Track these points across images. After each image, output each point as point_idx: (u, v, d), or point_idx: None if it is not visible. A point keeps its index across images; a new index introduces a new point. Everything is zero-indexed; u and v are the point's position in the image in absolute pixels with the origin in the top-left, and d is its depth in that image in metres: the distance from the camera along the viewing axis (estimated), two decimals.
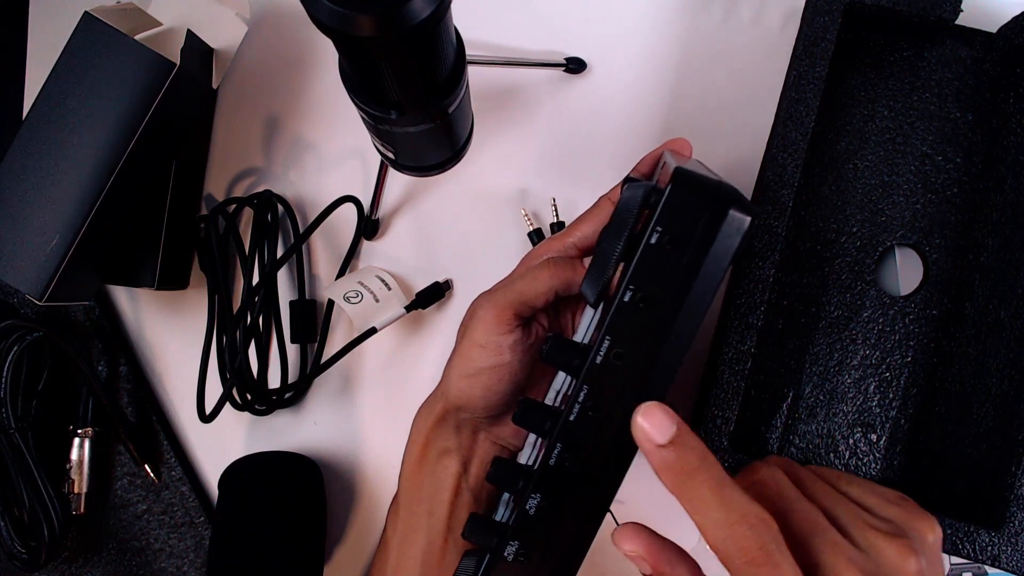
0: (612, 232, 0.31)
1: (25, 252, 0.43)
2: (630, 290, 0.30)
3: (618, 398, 0.31)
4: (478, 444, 0.41)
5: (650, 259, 0.29)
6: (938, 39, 0.49)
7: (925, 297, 0.49)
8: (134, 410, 0.53)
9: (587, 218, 0.40)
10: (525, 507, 0.32)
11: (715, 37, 0.52)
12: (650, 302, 0.30)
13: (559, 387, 0.37)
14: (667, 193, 0.29)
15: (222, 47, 0.51)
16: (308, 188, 0.54)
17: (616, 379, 0.31)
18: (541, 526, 0.33)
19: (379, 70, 0.32)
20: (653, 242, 0.29)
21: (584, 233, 0.39)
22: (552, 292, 0.37)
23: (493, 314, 0.37)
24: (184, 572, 0.53)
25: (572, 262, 0.38)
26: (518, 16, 0.53)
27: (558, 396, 0.36)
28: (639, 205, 0.30)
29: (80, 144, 0.43)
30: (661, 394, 0.31)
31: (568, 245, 0.39)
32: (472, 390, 0.38)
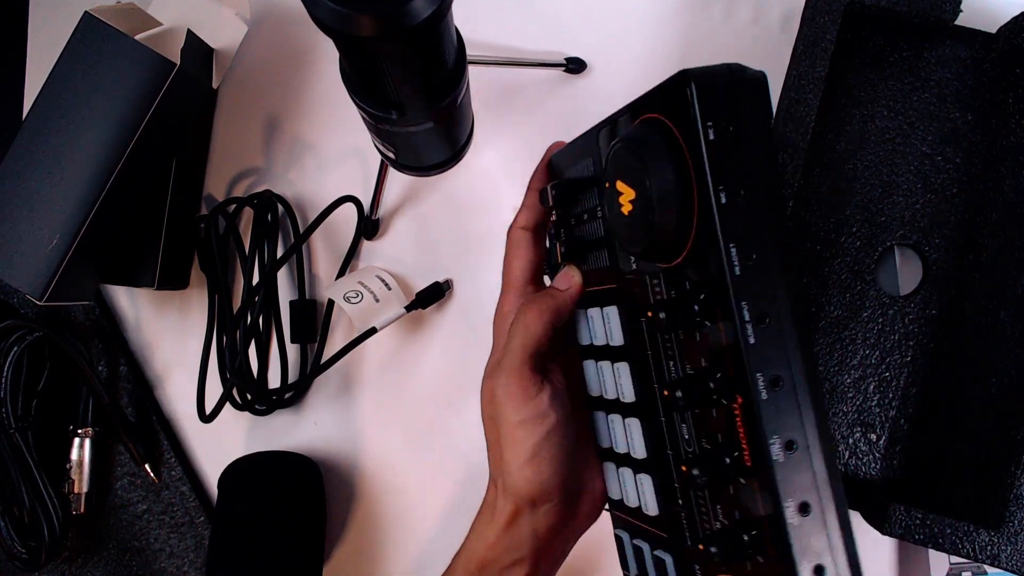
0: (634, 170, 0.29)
1: (25, 252, 0.43)
2: (722, 191, 0.27)
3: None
4: (554, 544, 0.35)
5: (721, 152, 0.27)
6: (938, 39, 0.49)
7: (925, 297, 0.49)
8: (134, 410, 0.53)
9: (512, 260, 0.38)
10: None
11: (715, 37, 0.52)
12: (750, 191, 0.27)
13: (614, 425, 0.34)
14: (694, 93, 0.27)
15: (222, 47, 0.51)
16: (308, 188, 0.54)
17: (764, 285, 0.27)
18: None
19: (380, 70, 0.32)
20: (713, 138, 0.27)
21: (520, 277, 0.38)
22: (549, 328, 0.34)
23: (515, 382, 0.33)
24: (184, 572, 0.53)
25: (544, 295, 0.35)
26: (518, 16, 0.53)
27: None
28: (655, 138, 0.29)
29: (80, 144, 0.43)
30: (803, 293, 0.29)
31: (522, 288, 0.37)
32: (541, 473, 0.33)
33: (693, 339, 0.29)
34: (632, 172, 0.29)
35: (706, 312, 0.28)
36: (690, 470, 0.29)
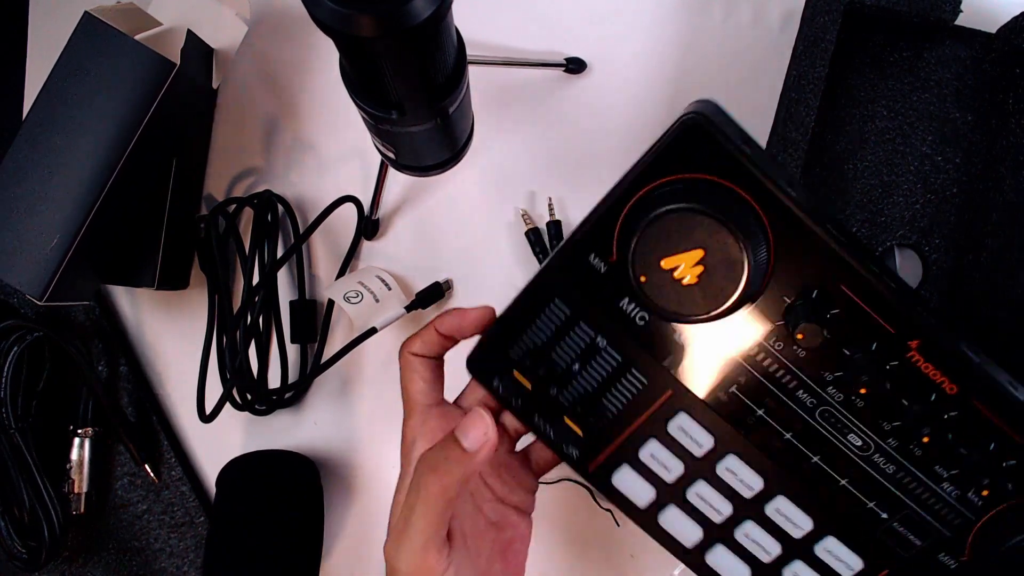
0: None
1: (25, 252, 0.42)
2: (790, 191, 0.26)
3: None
4: None
5: (764, 165, 0.27)
6: (938, 39, 0.49)
7: (924, 297, 0.49)
8: (134, 410, 0.53)
9: (408, 383, 0.37)
10: None
11: (715, 37, 0.52)
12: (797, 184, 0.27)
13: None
14: (718, 132, 0.26)
15: (222, 47, 0.51)
16: (308, 188, 0.54)
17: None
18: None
19: (380, 70, 0.32)
20: (749, 151, 0.27)
21: (420, 400, 0.36)
22: (453, 501, 0.31)
23: (418, 561, 0.31)
24: (184, 572, 0.53)
25: (448, 461, 0.31)
26: (518, 16, 0.53)
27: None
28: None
29: (80, 144, 0.43)
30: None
31: (424, 412, 0.36)
32: None
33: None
34: (688, 235, 0.27)
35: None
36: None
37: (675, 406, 0.31)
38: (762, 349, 0.29)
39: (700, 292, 0.27)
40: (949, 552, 0.29)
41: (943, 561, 0.29)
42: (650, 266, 0.27)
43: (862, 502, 0.30)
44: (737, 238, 0.26)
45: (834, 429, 0.29)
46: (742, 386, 0.30)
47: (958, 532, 0.29)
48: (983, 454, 0.28)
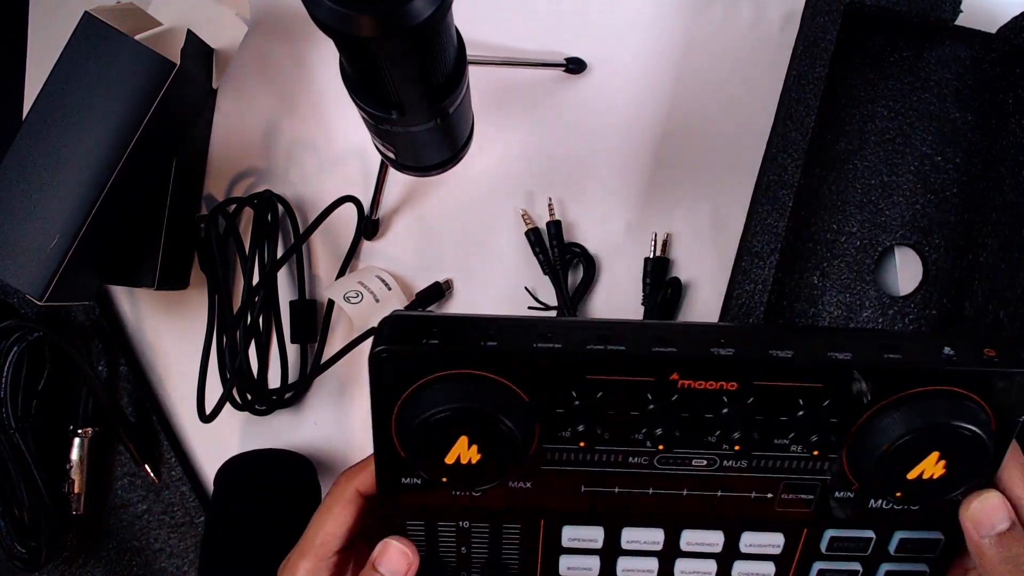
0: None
1: (25, 252, 0.42)
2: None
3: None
4: None
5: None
6: (938, 39, 0.49)
7: (924, 297, 0.49)
8: (134, 410, 0.53)
9: (326, 515, 0.33)
10: None
11: (715, 37, 0.52)
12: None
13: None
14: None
15: (222, 47, 0.51)
16: (308, 188, 0.54)
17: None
18: None
19: (380, 70, 0.32)
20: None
21: (328, 544, 0.32)
22: None
23: None
24: (184, 572, 0.53)
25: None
26: (518, 16, 0.53)
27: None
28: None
29: (80, 144, 0.43)
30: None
31: (324, 558, 0.32)
32: None
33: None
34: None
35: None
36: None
37: (554, 526, 0.33)
38: (578, 453, 0.31)
39: (489, 467, 0.30)
40: (841, 487, 0.32)
41: (842, 497, 0.32)
42: (438, 467, 0.30)
43: (746, 497, 0.32)
44: (489, 420, 0.29)
45: (679, 465, 0.32)
46: (588, 484, 0.32)
47: (835, 472, 0.31)
48: (800, 412, 0.30)
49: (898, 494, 0.30)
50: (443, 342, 0.29)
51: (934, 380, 0.29)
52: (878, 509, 0.32)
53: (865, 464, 0.30)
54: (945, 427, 0.29)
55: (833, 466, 0.31)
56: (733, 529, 0.33)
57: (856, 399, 0.30)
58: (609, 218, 0.52)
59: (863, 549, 0.33)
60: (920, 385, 0.29)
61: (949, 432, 0.29)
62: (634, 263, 0.52)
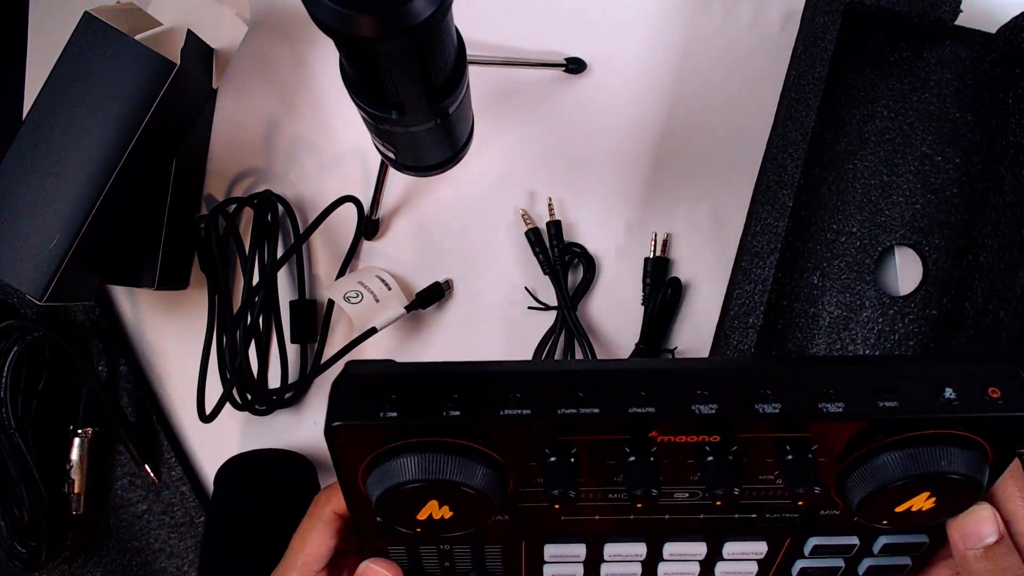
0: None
1: (25, 252, 0.42)
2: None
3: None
4: None
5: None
6: (938, 39, 0.49)
7: (924, 297, 0.49)
8: (134, 410, 0.53)
9: (306, 536, 0.33)
10: None
11: (715, 37, 0.52)
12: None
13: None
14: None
15: (222, 47, 0.51)
16: (308, 188, 0.54)
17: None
18: None
19: (380, 70, 0.32)
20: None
21: (309, 564, 0.32)
22: None
23: None
24: (184, 572, 0.53)
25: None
26: (518, 16, 0.53)
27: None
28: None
29: (80, 144, 0.43)
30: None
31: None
32: None
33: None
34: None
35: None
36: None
37: (537, 544, 0.32)
38: (555, 499, 0.30)
39: (462, 520, 0.29)
40: (826, 507, 0.31)
41: (827, 514, 0.31)
42: (411, 523, 0.29)
43: (731, 518, 0.31)
44: (457, 486, 0.28)
45: (662, 499, 0.31)
46: (567, 514, 0.31)
47: (821, 498, 0.30)
48: (786, 457, 0.29)
49: (884, 522, 0.30)
50: (401, 412, 0.27)
51: (934, 425, 0.28)
52: (861, 523, 0.31)
53: (853, 496, 0.29)
54: (942, 475, 0.28)
55: (820, 495, 0.30)
56: (716, 540, 0.32)
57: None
58: (609, 218, 0.52)
59: (846, 552, 0.32)
60: (918, 429, 0.28)
61: (945, 477, 0.28)
62: (634, 263, 0.52)
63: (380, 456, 0.28)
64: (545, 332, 0.51)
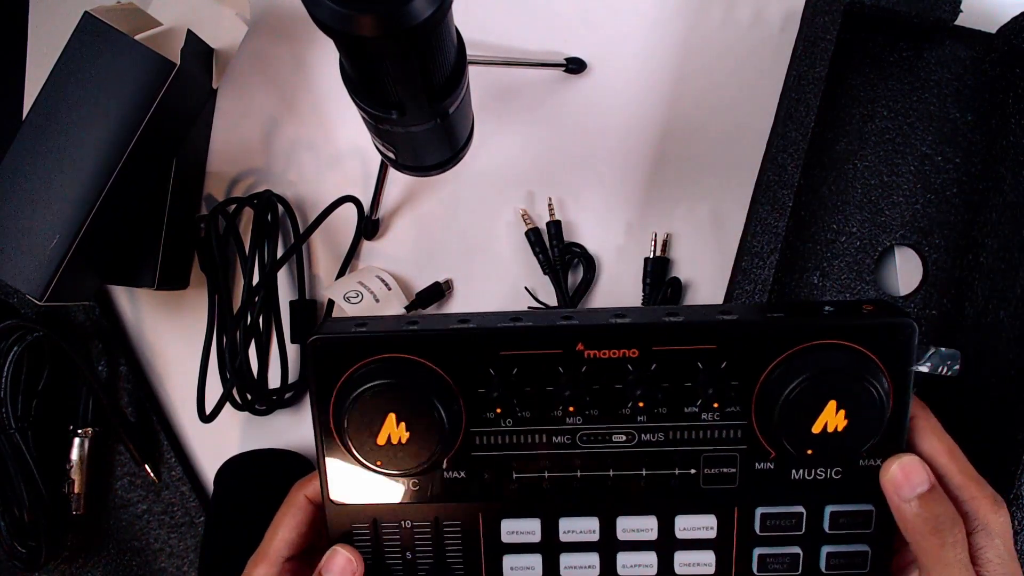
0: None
1: (25, 252, 0.42)
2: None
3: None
4: None
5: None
6: (938, 39, 0.49)
7: (924, 297, 0.49)
8: (134, 410, 0.53)
9: (281, 522, 0.34)
10: None
11: (714, 37, 0.52)
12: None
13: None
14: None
15: (222, 47, 0.51)
16: (308, 188, 0.54)
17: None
18: None
19: (380, 70, 0.32)
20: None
21: (281, 549, 0.34)
22: None
23: None
24: (184, 572, 0.53)
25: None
26: (518, 16, 0.53)
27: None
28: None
29: (80, 144, 0.43)
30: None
31: (279, 565, 0.33)
32: None
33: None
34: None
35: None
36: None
37: (493, 520, 0.34)
38: (504, 435, 0.33)
39: (418, 446, 0.32)
40: (759, 458, 0.33)
41: (763, 468, 0.33)
42: (372, 449, 0.32)
43: (671, 475, 0.33)
44: (413, 396, 0.31)
45: (601, 442, 0.33)
46: (519, 470, 0.34)
47: (749, 439, 0.33)
48: (701, 375, 0.32)
49: (809, 451, 0.32)
50: (369, 329, 0.32)
51: (819, 335, 0.31)
52: (801, 480, 0.33)
53: (771, 422, 0.32)
54: (835, 373, 0.31)
55: (745, 433, 0.33)
56: (665, 513, 0.34)
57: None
58: (609, 218, 0.52)
59: (797, 527, 0.34)
60: (806, 341, 0.31)
61: (840, 378, 0.31)
62: (634, 263, 0.52)
63: (350, 376, 0.32)
64: None
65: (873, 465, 0.32)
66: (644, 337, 0.32)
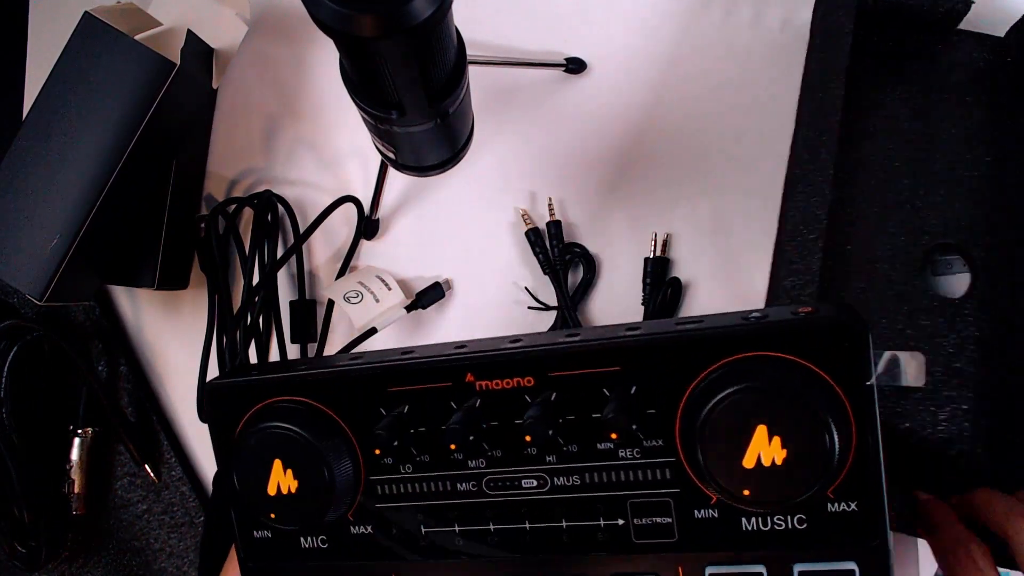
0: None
1: (25, 252, 0.42)
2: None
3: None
4: None
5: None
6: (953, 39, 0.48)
7: (979, 300, 0.47)
8: (134, 410, 0.53)
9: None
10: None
11: (715, 37, 0.52)
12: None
13: None
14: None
15: (222, 47, 0.51)
16: (308, 188, 0.54)
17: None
18: None
19: (380, 70, 0.32)
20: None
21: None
22: None
23: None
24: (184, 572, 0.53)
25: None
26: (518, 16, 0.53)
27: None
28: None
29: (80, 144, 0.43)
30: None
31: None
32: None
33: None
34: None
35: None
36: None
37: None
38: (405, 483, 0.30)
39: (308, 495, 0.30)
40: (698, 504, 0.28)
41: (704, 516, 0.28)
42: (263, 500, 0.30)
43: (596, 526, 0.29)
44: (294, 441, 0.29)
45: (509, 488, 0.29)
46: (428, 524, 0.31)
47: (680, 480, 0.28)
48: (609, 404, 0.27)
49: (745, 492, 0.25)
50: (261, 373, 0.31)
51: (741, 346, 0.25)
52: (756, 532, 0.27)
53: (695, 453, 0.26)
54: (760, 392, 0.24)
55: (674, 472, 0.27)
56: (596, 572, 0.29)
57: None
58: (609, 218, 0.52)
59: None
60: (726, 356, 0.25)
61: (767, 398, 0.24)
62: (634, 263, 0.51)
63: (245, 425, 0.31)
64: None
65: (847, 511, 0.26)
66: (538, 363, 0.28)
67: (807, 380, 0.25)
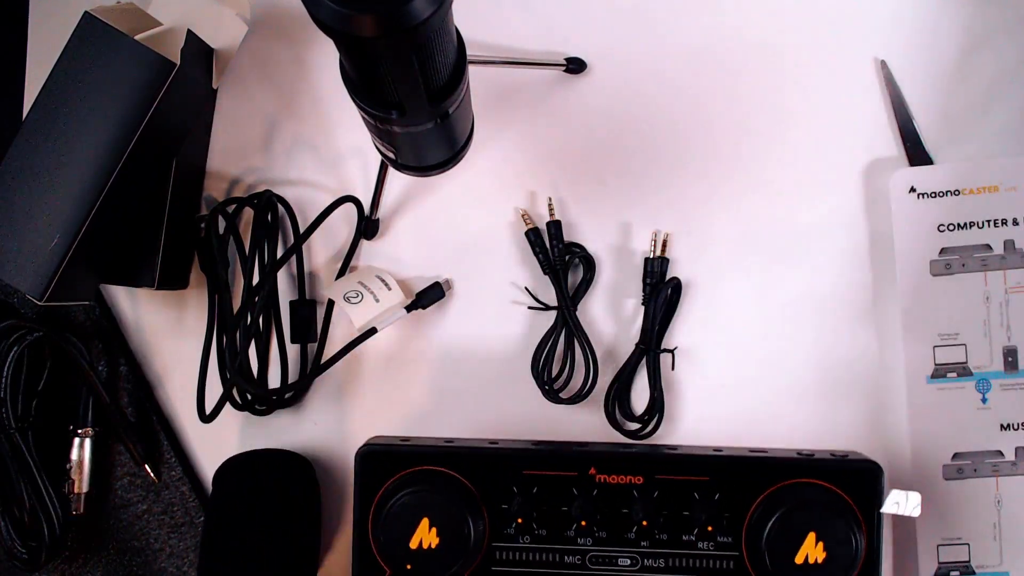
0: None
1: (25, 252, 0.42)
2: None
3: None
4: None
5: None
6: None
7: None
8: (134, 410, 0.53)
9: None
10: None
11: (714, 37, 0.52)
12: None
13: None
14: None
15: (222, 47, 0.51)
16: (308, 188, 0.54)
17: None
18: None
19: (380, 70, 0.32)
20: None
21: None
22: None
23: None
24: (184, 572, 0.53)
25: None
26: (518, 16, 0.53)
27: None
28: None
29: (80, 144, 0.43)
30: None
31: None
32: None
33: None
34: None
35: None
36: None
37: None
38: (522, 552, 0.39)
39: (447, 553, 0.38)
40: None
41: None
42: (404, 553, 0.39)
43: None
44: (446, 505, 0.39)
45: (608, 565, 0.38)
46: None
47: (739, 570, 0.38)
48: (696, 505, 0.37)
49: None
50: (411, 444, 0.39)
51: (798, 473, 0.37)
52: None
53: (758, 552, 0.35)
54: (813, 507, 0.35)
55: (736, 565, 0.37)
56: None
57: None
58: (609, 218, 0.52)
59: None
60: (788, 478, 0.37)
61: (818, 513, 0.35)
62: (634, 263, 0.52)
63: (390, 487, 0.37)
64: (545, 332, 0.51)
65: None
66: (649, 465, 0.37)
67: (841, 503, 0.36)
